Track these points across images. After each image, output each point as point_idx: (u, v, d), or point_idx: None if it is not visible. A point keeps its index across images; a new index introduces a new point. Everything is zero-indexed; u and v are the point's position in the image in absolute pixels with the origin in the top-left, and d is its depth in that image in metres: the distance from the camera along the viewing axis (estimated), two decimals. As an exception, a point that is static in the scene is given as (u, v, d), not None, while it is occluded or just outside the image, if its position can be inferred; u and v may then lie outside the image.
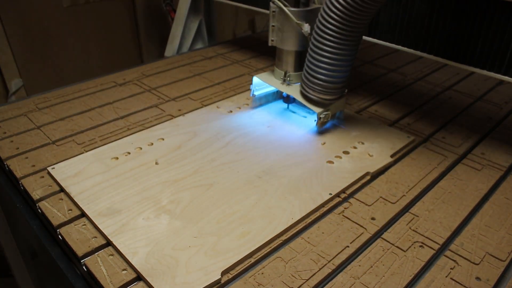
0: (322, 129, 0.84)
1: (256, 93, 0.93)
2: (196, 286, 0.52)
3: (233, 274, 0.54)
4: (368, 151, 0.79)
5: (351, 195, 0.69)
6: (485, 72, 0.79)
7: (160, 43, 1.94)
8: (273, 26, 0.83)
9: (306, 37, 0.79)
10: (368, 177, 0.73)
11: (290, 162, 0.76)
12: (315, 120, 0.82)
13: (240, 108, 0.94)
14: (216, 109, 0.93)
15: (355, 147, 0.80)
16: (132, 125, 0.88)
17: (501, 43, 0.75)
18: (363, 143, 0.81)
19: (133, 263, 0.54)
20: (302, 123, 0.88)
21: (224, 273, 0.54)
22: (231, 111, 0.92)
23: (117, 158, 0.76)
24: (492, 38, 0.76)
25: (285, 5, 0.79)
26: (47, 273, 0.85)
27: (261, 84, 0.92)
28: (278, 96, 0.97)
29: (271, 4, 0.81)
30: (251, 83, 0.91)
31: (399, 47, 0.89)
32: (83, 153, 0.78)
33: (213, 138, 0.82)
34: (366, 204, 0.67)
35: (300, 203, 0.66)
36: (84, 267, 0.56)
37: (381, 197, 0.68)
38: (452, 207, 0.67)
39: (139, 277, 0.54)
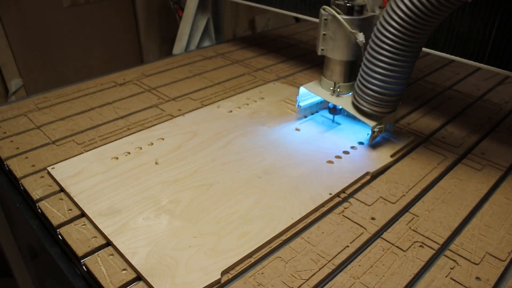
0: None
1: (302, 103, 0.89)
2: (196, 286, 0.52)
3: (233, 274, 0.54)
4: (368, 151, 0.79)
5: (351, 195, 0.69)
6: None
7: (161, 43, 1.94)
8: (324, 34, 0.78)
9: (360, 46, 0.74)
10: (368, 177, 0.73)
11: (290, 162, 0.76)
12: (368, 134, 0.79)
13: (240, 108, 0.94)
14: (216, 109, 0.93)
15: (355, 147, 0.80)
16: (132, 125, 0.88)
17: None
18: (363, 143, 0.81)
19: (133, 263, 0.54)
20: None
21: (224, 273, 0.54)
22: (231, 111, 0.92)
23: (117, 158, 0.76)
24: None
25: (338, 13, 0.75)
26: (47, 273, 0.85)
27: (307, 95, 0.88)
28: (323, 106, 0.94)
29: (322, 11, 0.77)
30: (297, 93, 0.87)
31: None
32: (83, 153, 0.78)
33: (213, 138, 0.82)
34: (366, 204, 0.67)
35: (300, 203, 0.66)
36: (84, 267, 0.56)
37: (381, 197, 0.68)
38: (452, 207, 0.67)
39: (139, 277, 0.54)
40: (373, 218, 0.64)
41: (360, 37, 0.73)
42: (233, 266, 0.55)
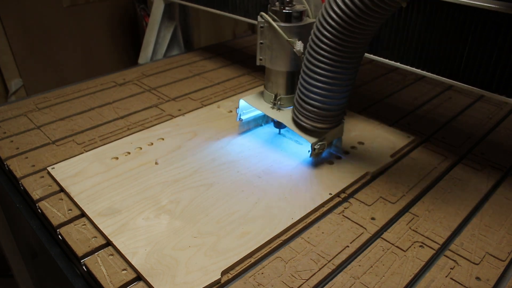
0: (317, 159, 0.75)
1: (243, 117, 0.83)
2: (196, 286, 0.52)
3: (233, 274, 0.54)
4: (368, 151, 0.79)
5: (351, 195, 0.69)
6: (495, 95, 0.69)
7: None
8: (261, 43, 0.73)
9: (299, 56, 0.69)
10: (368, 177, 0.73)
11: (290, 162, 0.76)
12: (308, 151, 0.72)
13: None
14: (216, 109, 0.93)
15: (355, 147, 0.80)
16: (132, 125, 0.88)
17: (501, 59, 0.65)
18: (363, 143, 0.81)
19: (133, 263, 0.54)
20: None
21: (224, 273, 0.54)
22: (231, 111, 0.92)
23: (117, 158, 0.76)
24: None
25: (274, 20, 0.69)
26: (47, 273, 0.85)
27: (249, 107, 0.82)
28: (269, 119, 0.87)
29: (258, 18, 0.71)
30: (238, 106, 0.82)
31: (398, 64, 0.78)
32: (83, 153, 0.78)
33: (213, 138, 0.82)
34: (366, 204, 0.67)
35: (300, 203, 0.65)
36: (84, 267, 0.56)
37: (381, 197, 0.68)
38: (452, 207, 0.67)
39: (139, 277, 0.54)
40: (373, 218, 0.64)
41: (298, 46, 0.68)
42: (233, 266, 0.55)
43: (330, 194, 0.68)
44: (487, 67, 0.66)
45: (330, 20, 0.59)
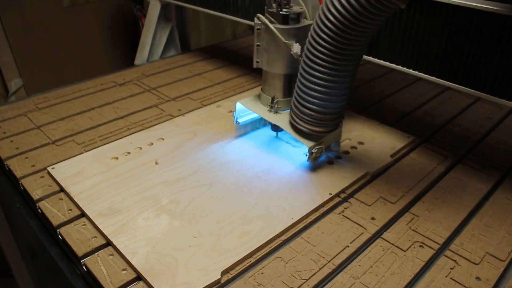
0: (315, 163, 0.75)
1: (240, 120, 0.82)
2: (196, 286, 0.52)
3: (233, 274, 0.54)
4: (368, 151, 0.79)
5: (351, 195, 0.69)
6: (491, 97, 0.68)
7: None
8: (258, 45, 0.71)
9: (296, 58, 0.68)
10: (368, 177, 0.73)
11: (290, 162, 0.76)
12: (306, 155, 0.72)
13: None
14: (216, 109, 0.93)
15: (355, 147, 0.80)
16: (132, 125, 0.88)
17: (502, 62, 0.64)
18: (363, 143, 0.81)
19: (133, 263, 0.54)
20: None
21: (224, 273, 0.54)
22: (231, 111, 0.92)
23: (117, 158, 0.76)
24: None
25: (271, 22, 0.68)
26: (47, 273, 0.85)
27: (246, 110, 0.81)
28: (266, 122, 0.85)
29: (255, 20, 0.70)
30: (234, 109, 0.80)
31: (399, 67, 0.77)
32: (83, 153, 0.78)
33: (213, 138, 0.82)
34: (366, 204, 0.67)
35: (300, 203, 0.65)
36: (84, 267, 0.56)
37: (381, 197, 0.68)
38: (452, 207, 0.67)
39: (139, 277, 0.54)
40: (373, 218, 0.64)
41: (295, 48, 0.66)
42: (233, 266, 0.55)
43: (330, 194, 0.68)
44: (487, 69, 0.65)
45: (327, 22, 0.58)
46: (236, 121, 0.81)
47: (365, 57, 0.79)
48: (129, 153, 0.77)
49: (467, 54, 0.67)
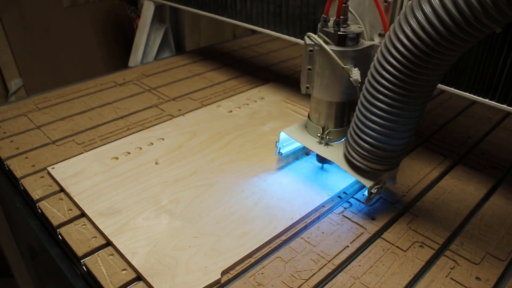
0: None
1: (283, 150, 0.74)
2: (196, 286, 0.52)
3: (233, 274, 0.54)
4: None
5: (351, 195, 0.69)
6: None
7: (160, 43, 1.94)
8: (309, 69, 0.62)
9: (355, 86, 0.59)
10: (368, 177, 0.73)
11: (290, 162, 0.75)
12: (363, 195, 0.66)
13: (240, 108, 0.94)
14: (216, 109, 0.93)
15: (355, 147, 0.80)
16: (132, 125, 0.88)
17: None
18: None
19: (133, 263, 0.54)
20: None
21: (224, 273, 0.54)
22: (231, 111, 0.92)
23: (117, 158, 0.76)
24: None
25: (326, 42, 0.59)
26: (47, 273, 0.85)
27: (289, 140, 0.73)
28: (309, 151, 0.77)
29: (306, 40, 0.60)
30: (278, 140, 0.72)
31: None
32: (83, 153, 0.78)
33: (213, 138, 0.82)
34: (366, 204, 0.67)
35: (300, 203, 0.65)
36: (84, 267, 0.56)
37: (381, 197, 0.68)
38: (452, 207, 0.67)
39: (139, 277, 0.54)
40: (373, 218, 0.64)
41: (355, 74, 0.58)
42: (233, 266, 0.55)
43: (330, 194, 0.68)
44: (481, 72, 0.63)
45: (401, 47, 0.48)
46: (279, 152, 0.74)
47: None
48: (129, 153, 0.77)
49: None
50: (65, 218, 0.63)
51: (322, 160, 0.72)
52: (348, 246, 0.59)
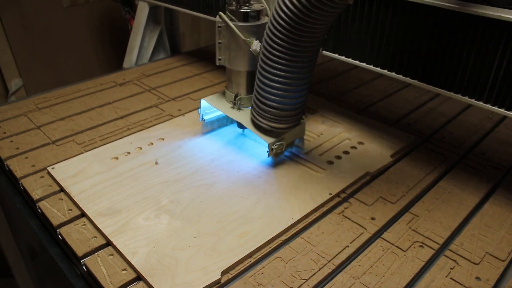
0: (278, 159, 0.75)
1: (206, 117, 0.83)
2: (196, 286, 0.52)
3: (233, 274, 0.54)
4: (368, 151, 0.79)
5: (351, 195, 0.69)
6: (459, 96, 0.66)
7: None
8: (219, 43, 0.72)
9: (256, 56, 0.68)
10: (368, 177, 0.73)
11: (290, 161, 0.75)
12: (266, 151, 0.72)
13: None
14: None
15: (355, 147, 0.80)
16: (132, 125, 0.88)
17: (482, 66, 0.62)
18: (363, 143, 0.81)
19: (133, 263, 0.54)
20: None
21: (224, 273, 0.54)
22: (231, 111, 0.92)
23: (117, 158, 0.76)
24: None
25: (231, 19, 0.69)
26: (47, 273, 0.85)
27: (212, 107, 0.81)
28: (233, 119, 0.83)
29: (217, 18, 0.70)
30: (199, 107, 0.81)
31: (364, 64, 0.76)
32: (83, 153, 0.78)
33: (213, 138, 0.82)
34: (366, 204, 0.67)
35: (300, 203, 0.65)
36: (84, 267, 0.56)
37: (381, 197, 0.68)
38: (452, 207, 0.67)
39: (139, 277, 0.54)
40: (373, 218, 0.64)
41: (254, 45, 0.68)
42: (233, 266, 0.55)
43: (330, 194, 0.68)
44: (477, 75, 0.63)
45: (279, 19, 0.59)
46: (202, 118, 0.82)
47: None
48: (129, 153, 0.77)
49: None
50: (65, 218, 0.63)
51: (240, 125, 0.80)
52: (348, 246, 0.59)
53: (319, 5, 0.55)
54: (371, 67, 0.76)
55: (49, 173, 0.72)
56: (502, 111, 0.62)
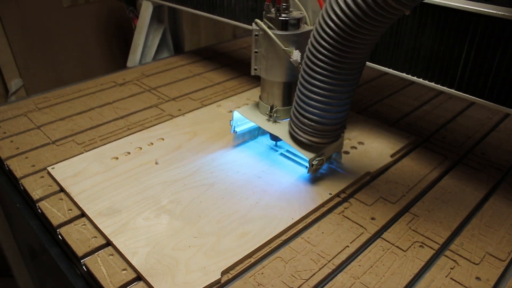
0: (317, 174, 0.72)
1: (238, 129, 0.79)
2: (196, 286, 0.52)
3: (233, 274, 0.54)
4: (368, 151, 0.79)
5: (351, 195, 0.69)
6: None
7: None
8: (256, 52, 0.68)
9: (296, 66, 0.65)
10: (368, 177, 0.73)
11: (290, 161, 0.75)
12: (306, 167, 0.69)
13: (240, 108, 0.93)
14: (216, 109, 0.93)
15: (355, 147, 0.80)
16: (132, 125, 0.88)
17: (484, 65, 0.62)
18: (363, 143, 0.81)
19: (133, 263, 0.54)
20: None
21: (224, 273, 0.54)
22: (231, 111, 0.92)
23: (117, 158, 0.76)
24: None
25: (270, 28, 0.65)
26: (47, 273, 0.85)
27: (244, 119, 0.78)
28: (265, 131, 0.79)
29: (253, 25, 0.67)
30: (232, 118, 0.78)
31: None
32: (83, 153, 0.78)
33: (213, 138, 0.82)
34: (366, 204, 0.67)
35: (300, 203, 0.65)
36: (84, 267, 0.56)
37: (381, 197, 0.68)
38: (452, 207, 0.67)
39: (139, 277, 0.54)
40: (373, 218, 0.64)
41: (295, 55, 0.64)
42: (233, 266, 0.55)
43: (330, 194, 0.68)
44: (483, 74, 0.63)
45: (327, 29, 0.55)
46: (234, 130, 0.79)
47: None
48: (129, 153, 0.77)
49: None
50: (65, 218, 0.63)
51: (274, 137, 0.77)
52: (348, 246, 0.59)
53: (372, 14, 0.50)
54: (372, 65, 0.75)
55: (49, 173, 0.72)
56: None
